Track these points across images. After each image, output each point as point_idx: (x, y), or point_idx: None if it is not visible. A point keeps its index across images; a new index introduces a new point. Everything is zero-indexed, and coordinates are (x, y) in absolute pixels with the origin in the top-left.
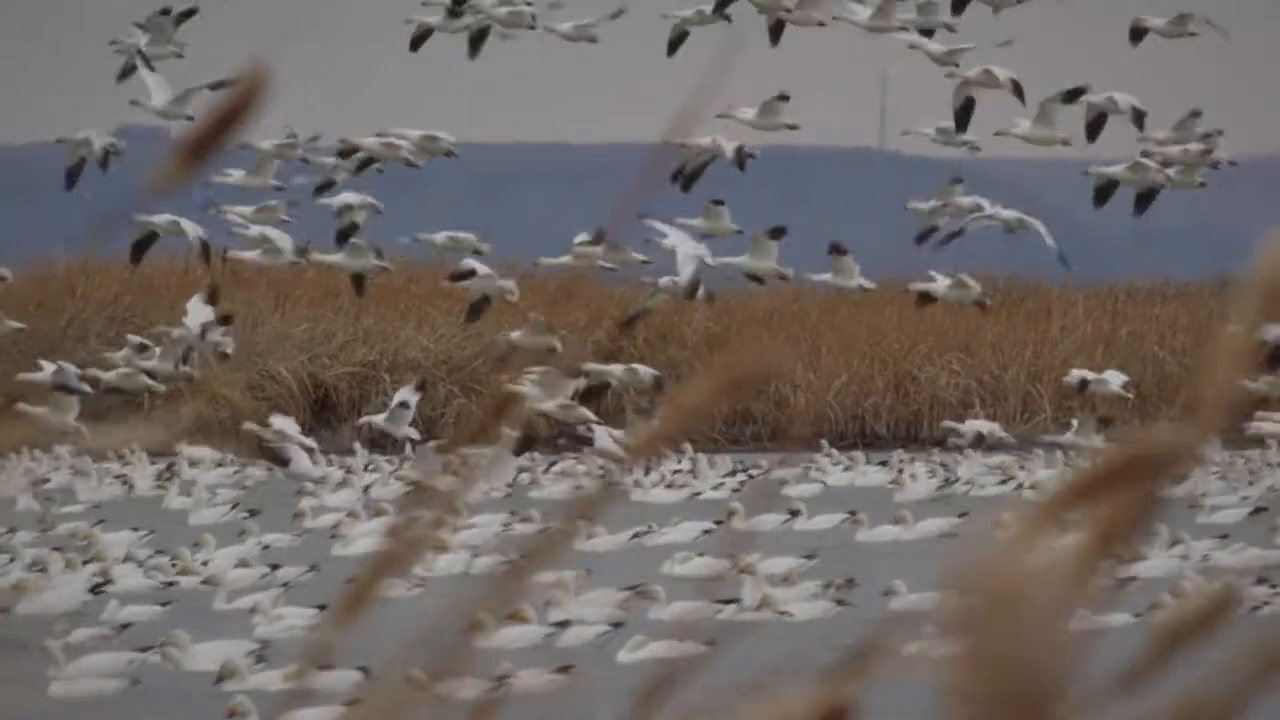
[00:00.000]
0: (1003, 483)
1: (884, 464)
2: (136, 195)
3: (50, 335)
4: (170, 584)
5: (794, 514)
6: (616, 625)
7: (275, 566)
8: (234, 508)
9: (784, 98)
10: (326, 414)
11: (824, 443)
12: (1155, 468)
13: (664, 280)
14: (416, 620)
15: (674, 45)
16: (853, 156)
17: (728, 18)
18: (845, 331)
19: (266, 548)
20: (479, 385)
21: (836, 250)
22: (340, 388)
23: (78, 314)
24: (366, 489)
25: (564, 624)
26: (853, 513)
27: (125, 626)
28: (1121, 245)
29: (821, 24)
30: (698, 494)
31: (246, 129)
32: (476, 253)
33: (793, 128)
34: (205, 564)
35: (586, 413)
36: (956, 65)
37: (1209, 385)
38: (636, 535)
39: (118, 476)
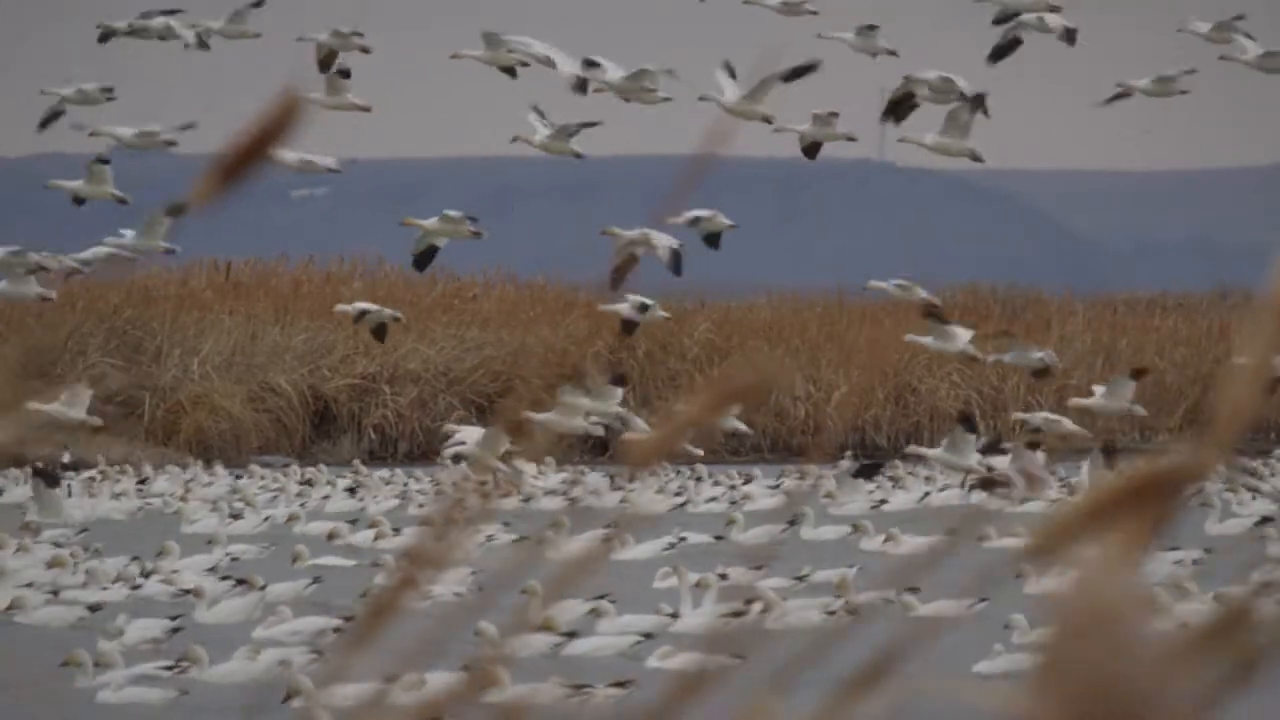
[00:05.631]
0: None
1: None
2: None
3: (51, 348)
4: (187, 591)
5: (792, 523)
6: (648, 636)
7: (241, 581)
8: (267, 519)
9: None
10: (327, 426)
11: (848, 454)
12: (1170, 490)
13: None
14: (426, 633)
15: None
16: (851, 168)
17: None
18: (845, 343)
19: (235, 560)
20: (479, 398)
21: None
22: (340, 400)
23: (78, 327)
24: (303, 505)
25: (572, 634)
26: (855, 524)
27: (175, 629)
28: (1120, 257)
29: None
30: (685, 503)
31: (279, 150)
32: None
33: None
34: (174, 572)
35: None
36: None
37: (1223, 406)
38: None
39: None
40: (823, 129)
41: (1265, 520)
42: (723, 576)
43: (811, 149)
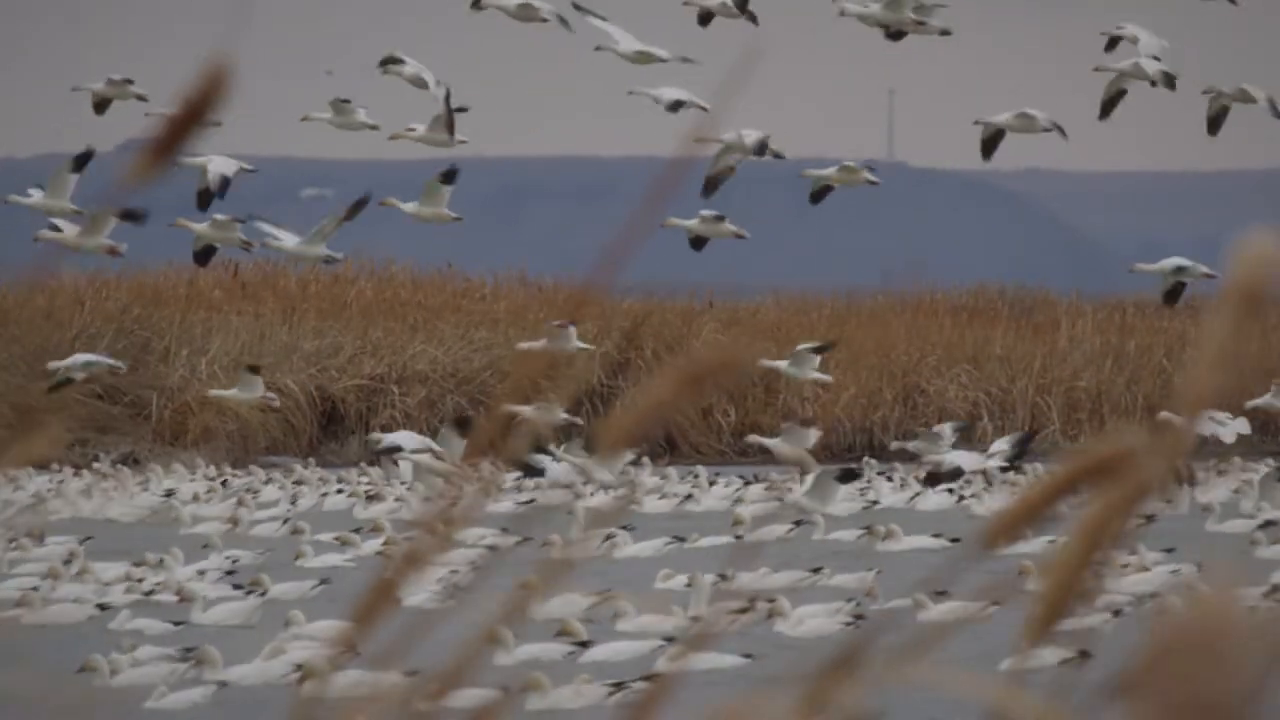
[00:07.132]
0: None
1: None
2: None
3: (59, 347)
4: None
5: (798, 523)
6: (669, 640)
7: (254, 585)
8: (285, 522)
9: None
10: (334, 427)
11: (868, 459)
12: (1120, 471)
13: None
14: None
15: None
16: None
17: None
18: (853, 344)
19: (235, 562)
20: (486, 398)
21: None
22: (348, 400)
23: (86, 326)
24: (294, 502)
25: (586, 644)
26: (869, 526)
27: (191, 649)
28: (1125, 258)
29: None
30: (689, 498)
31: (210, 125)
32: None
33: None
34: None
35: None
36: None
37: (1185, 393)
38: (609, 537)
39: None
40: (712, 226)
41: (1268, 524)
42: (723, 577)
43: (697, 242)
